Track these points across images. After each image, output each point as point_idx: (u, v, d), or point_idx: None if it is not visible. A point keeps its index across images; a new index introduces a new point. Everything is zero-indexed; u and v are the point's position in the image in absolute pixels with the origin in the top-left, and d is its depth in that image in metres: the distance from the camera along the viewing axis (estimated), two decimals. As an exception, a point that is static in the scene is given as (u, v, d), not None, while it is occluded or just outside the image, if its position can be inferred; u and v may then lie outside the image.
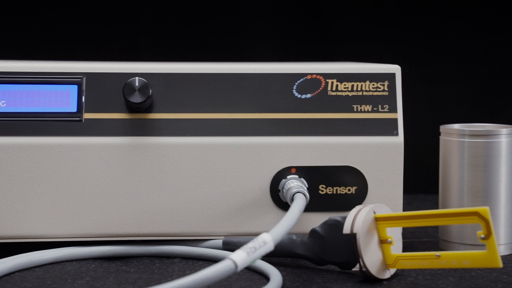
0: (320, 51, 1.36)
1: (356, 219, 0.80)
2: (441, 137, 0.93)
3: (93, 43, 1.34)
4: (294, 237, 0.86)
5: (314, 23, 1.37)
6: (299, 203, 0.84)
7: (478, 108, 1.37)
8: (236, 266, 0.71)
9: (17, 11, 1.33)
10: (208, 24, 1.36)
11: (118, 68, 0.90)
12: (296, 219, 0.80)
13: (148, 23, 1.35)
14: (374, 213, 0.81)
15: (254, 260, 0.73)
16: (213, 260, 0.88)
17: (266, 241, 0.74)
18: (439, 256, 0.77)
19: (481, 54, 1.37)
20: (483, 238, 0.74)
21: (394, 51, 1.35)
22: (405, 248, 0.87)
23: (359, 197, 0.91)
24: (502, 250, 0.91)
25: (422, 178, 1.25)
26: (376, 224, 0.81)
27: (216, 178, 0.89)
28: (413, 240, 0.98)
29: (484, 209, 0.74)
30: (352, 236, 0.80)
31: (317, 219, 0.90)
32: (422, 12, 1.37)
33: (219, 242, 0.90)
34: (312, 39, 1.37)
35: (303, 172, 0.90)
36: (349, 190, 0.91)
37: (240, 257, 0.71)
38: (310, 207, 0.90)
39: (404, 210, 0.91)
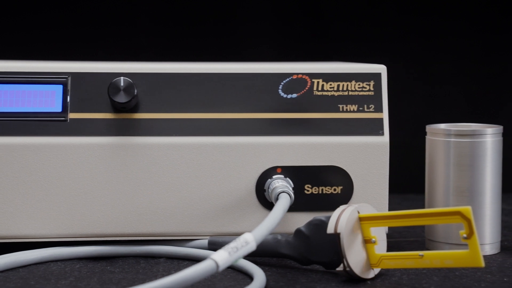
0: (319, 51, 1.36)
1: (340, 219, 0.80)
2: (427, 137, 0.93)
3: (92, 43, 1.34)
4: (279, 237, 0.86)
5: (313, 23, 1.37)
6: (283, 203, 0.83)
7: (477, 109, 1.37)
8: (217, 266, 0.70)
9: (17, 12, 1.33)
10: (207, 25, 1.36)
11: (103, 68, 0.90)
12: (279, 219, 0.80)
13: (147, 24, 1.35)
14: (358, 213, 0.81)
15: (236, 260, 0.73)
16: (199, 260, 0.87)
17: (248, 241, 0.74)
18: (422, 255, 0.77)
19: (478, 54, 1.37)
20: (465, 238, 0.74)
21: (393, 51, 1.35)
22: (392, 248, 0.87)
23: (345, 197, 0.91)
24: (488, 250, 0.91)
25: (412, 178, 1.25)
26: (360, 223, 0.81)
27: (201, 178, 0.89)
28: (400, 239, 0.98)
29: (466, 209, 0.73)
30: (336, 236, 0.80)
31: (303, 219, 0.89)
32: (421, 12, 1.37)
33: (204, 242, 0.90)
34: (310, 39, 1.37)
35: (289, 172, 0.90)
36: (334, 190, 0.91)
37: (221, 257, 0.71)
38: (295, 207, 0.89)
39: (393, 210, 0.91)
